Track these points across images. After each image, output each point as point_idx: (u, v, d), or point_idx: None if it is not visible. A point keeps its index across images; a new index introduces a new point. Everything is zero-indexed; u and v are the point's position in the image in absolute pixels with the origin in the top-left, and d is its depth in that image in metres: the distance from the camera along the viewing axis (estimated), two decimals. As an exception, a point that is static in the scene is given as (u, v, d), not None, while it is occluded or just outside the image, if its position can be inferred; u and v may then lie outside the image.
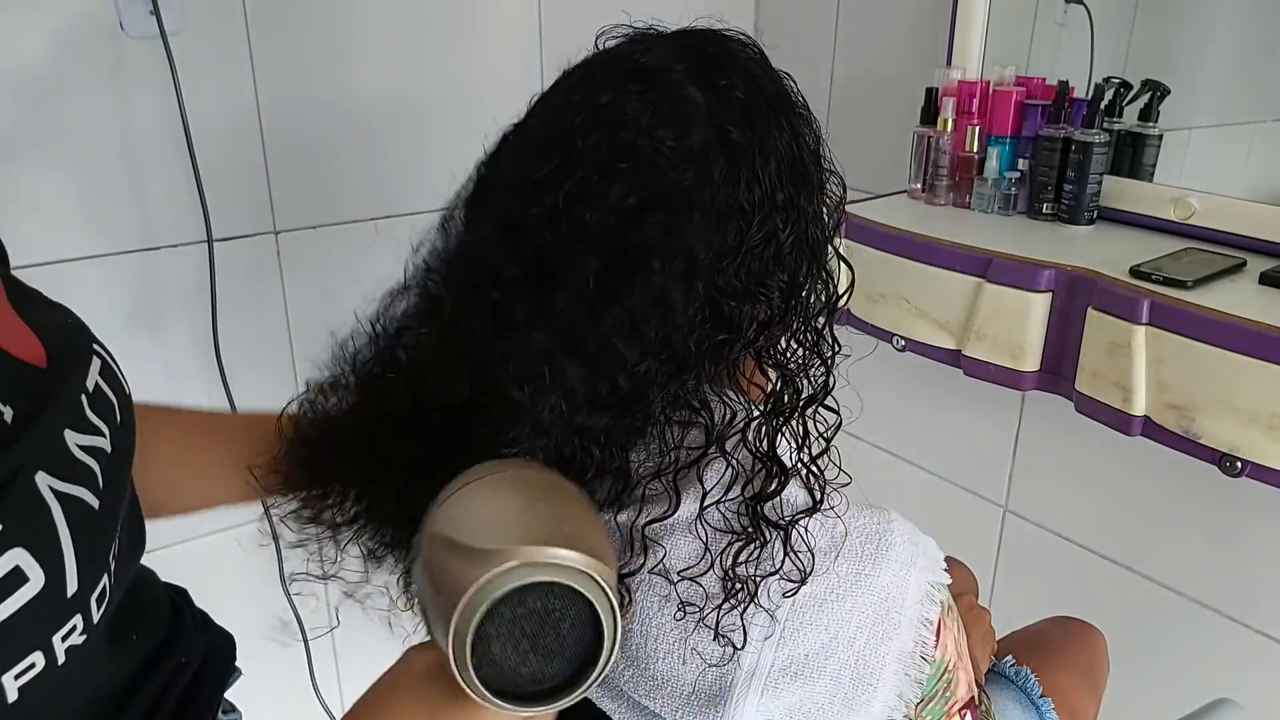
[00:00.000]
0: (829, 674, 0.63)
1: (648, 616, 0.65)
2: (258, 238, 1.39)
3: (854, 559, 0.64)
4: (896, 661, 0.64)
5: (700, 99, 0.61)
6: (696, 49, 0.64)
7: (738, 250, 0.61)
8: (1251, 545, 1.30)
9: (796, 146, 0.64)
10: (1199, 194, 1.25)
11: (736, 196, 0.61)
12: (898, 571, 0.64)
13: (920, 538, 0.67)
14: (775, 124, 0.63)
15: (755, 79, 0.64)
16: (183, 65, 1.23)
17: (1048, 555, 1.56)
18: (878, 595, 0.64)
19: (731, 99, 0.62)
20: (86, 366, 0.56)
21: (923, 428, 1.72)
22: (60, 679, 0.50)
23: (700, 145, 0.60)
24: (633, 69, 0.62)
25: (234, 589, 0.76)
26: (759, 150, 0.62)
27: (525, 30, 1.55)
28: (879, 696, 0.64)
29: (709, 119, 0.61)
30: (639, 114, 0.59)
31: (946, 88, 1.43)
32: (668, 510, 0.64)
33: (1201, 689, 1.13)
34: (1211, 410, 1.03)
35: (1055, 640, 1.12)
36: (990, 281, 1.23)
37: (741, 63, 0.65)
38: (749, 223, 0.61)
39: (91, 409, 0.54)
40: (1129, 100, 1.34)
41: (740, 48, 0.66)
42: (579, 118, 0.60)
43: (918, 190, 1.49)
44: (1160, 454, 1.10)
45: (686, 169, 0.59)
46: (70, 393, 0.54)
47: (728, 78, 0.62)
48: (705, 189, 0.60)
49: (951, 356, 1.30)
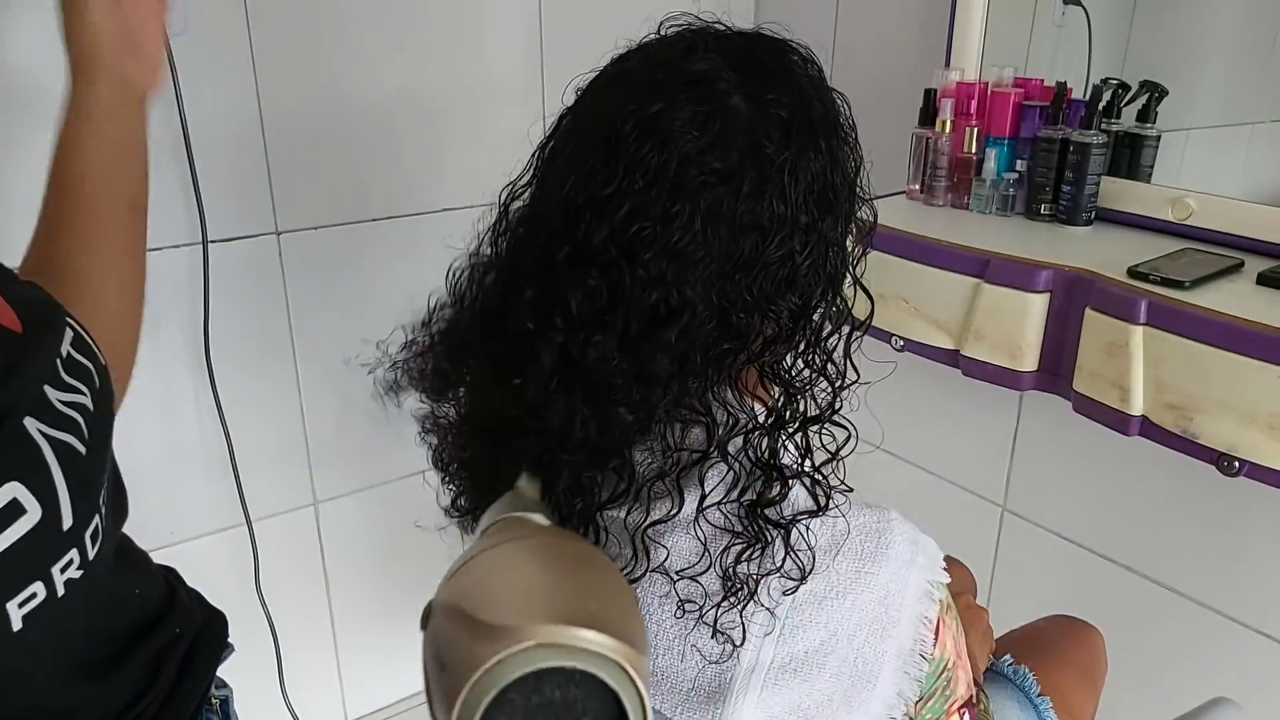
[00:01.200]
0: (829, 671, 0.63)
1: (648, 614, 0.66)
2: (259, 238, 1.39)
3: (854, 557, 0.64)
4: (895, 659, 0.65)
5: (743, 109, 0.62)
6: (753, 58, 0.65)
7: (752, 265, 0.62)
8: (1249, 544, 1.30)
9: (830, 172, 0.65)
10: (1197, 194, 1.26)
11: (759, 211, 0.62)
12: (897, 570, 0.65)
13: (920, 536, 0.68)
14: (813, 145, 0.64)
15: (805, 97, 0.65)
16: (185, 66, 1.24)
17: (1046, 555, 1.56)
18: (877, 593, 0.64)
19: (774, 114, 0.63)
20: (60, 335, 0.58)
21: (921, 428, 1.73)
22: (61, 613, 0.53)
23: (735, 157, 0.61)
24: (686, 79, 0.62)
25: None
26: (790, 169, 0.62)
27: (526, 30, 1.55)
28: (878, 694, 0.64)
29: (747, 131, 0.62)
30: (685, 126, 0.60)
31: (945, 89, 1.43)
32: (672, 509, 0.64)
33: (1199, 688, 1.13)
34: (1209, 410, 1.03)
35: (1053, 639, 1.12)
36: (988, 282, 1.23)
37: (795, 79, 0.65)
38: (767, 239, 0.62)
39: (67, 372, 0.57)
40: (1127, 101, 1.34)
41: (800, 63, 0.67)
42: (629, 126, 0.61)
43: (916, 191, 1.49)
44: (1158, 454, 1.10)
45: (716, 178, 0.60)
46: (47, 355, 0.56)
47: (776, 92, 0.63)
48: (730, 200, 0.61)
49: (950, 357, 1.31)
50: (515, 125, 0.61)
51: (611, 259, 0.61)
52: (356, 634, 1.69)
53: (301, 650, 1.61)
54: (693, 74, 0.62)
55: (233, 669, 0.80)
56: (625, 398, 0.63)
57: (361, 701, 1.75)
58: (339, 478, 1.60)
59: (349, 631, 1.69)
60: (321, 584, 1.63)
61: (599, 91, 0.68)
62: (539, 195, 0.68)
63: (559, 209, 0.63)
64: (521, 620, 0.44)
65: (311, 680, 1.67)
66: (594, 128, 0.63)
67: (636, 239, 0.60)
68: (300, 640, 1.61)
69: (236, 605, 1.49)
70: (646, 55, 0.66)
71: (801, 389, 0.67)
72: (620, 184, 0.60)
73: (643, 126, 0.61)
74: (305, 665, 1.64)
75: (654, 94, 0.61)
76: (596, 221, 0.61)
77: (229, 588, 1.49)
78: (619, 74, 0.67)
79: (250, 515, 1.46)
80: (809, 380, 0.67)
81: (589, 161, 0.62)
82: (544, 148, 0.69)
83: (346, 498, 1.61)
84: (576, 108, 0.68)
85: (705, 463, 0.65)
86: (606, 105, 0.64)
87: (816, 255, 0.64)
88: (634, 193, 0.60)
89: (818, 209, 0.64)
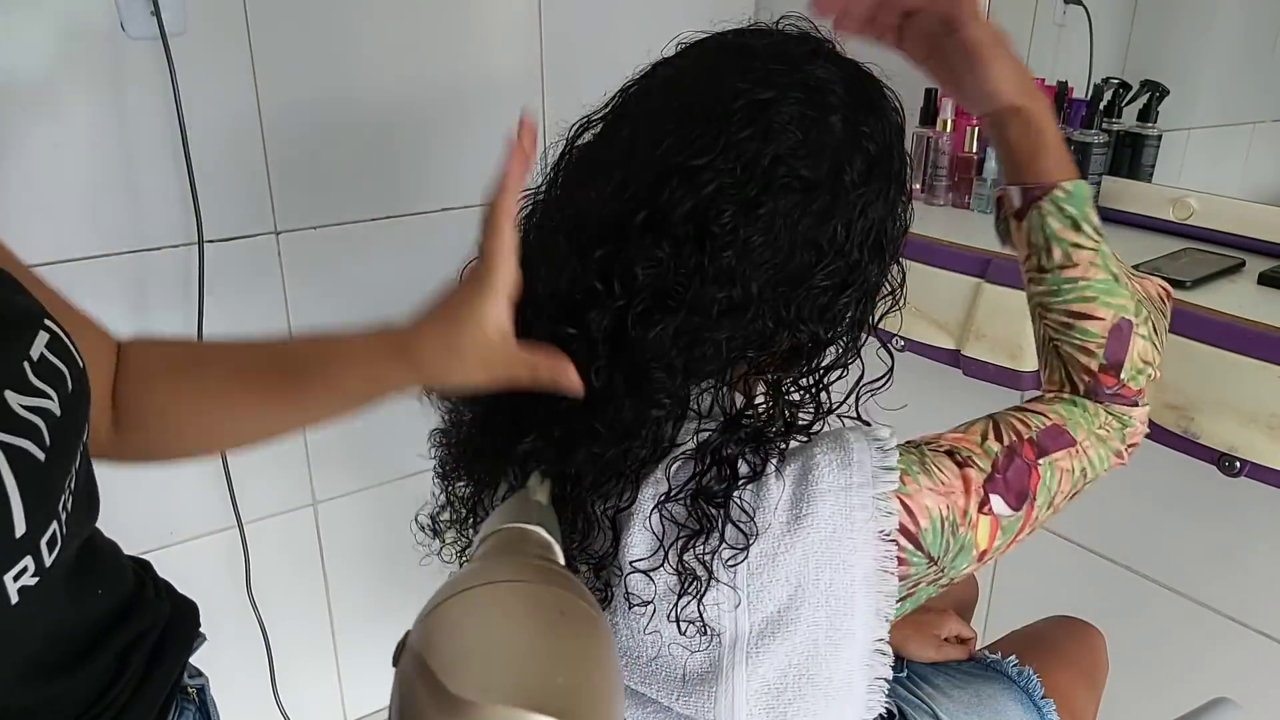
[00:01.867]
0: (804, 621, 0.63)
1: (625, 609, 0.66)
2: (258, 238, 1.39)
3: (788, 506, 0.64)
4: (864, 585, 0.64)
5: (839, 130, 0.63)
6: (862, 86, 0.66)
7: (798, 282, 0.63)
8: (1250, 545, 1.30)
9: (889, 221, 0.67)
10: (1197, 194, 1.26)
11: (821, 232, 0.62)
12: (835, 499, 0.63)
13: (853, 451, 0.65)
14: (884, 191, 0.65)
15: (889, 143, 0.66)
16: (183, 67, 1.23)
17: (1047, 555, 1.56)
18: (823, 531, 0.63)
19: (864, 146, 0.64)
20: (31, 338, 0.56)
21: (922, 427, 1.72)
22: (16, 619, 0.52)
23: (821, 171, 0.62)
24: (804, 79, 0.63)
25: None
26: (861, 204, 0.64)
27: (525, 31, 1.55)
28: (859, 623, 0.64)
29: (836, 151, 0.63)
30: (790, 124, 0.61)
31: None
32: (629, 500, 0.65)
33: (1200, 688, 1.13)
34: (1210, 410, 1.03)
35: (1054, 640, 1.12)
36: (989, 282, 1.23)
37: (888, 120, 0.67)
38: (820, 262, 0.63)
39: (36, 375, 0.55)
40: (1128, 101, 1.34)
41: (893, 111, 0.68)
42: (739, 104, 0.61)
43: (917, 190, 1.49)
44: (1159, 454, 1.10)
45: (800, 184, 0.61)
46: (11, 358, 0.54)
47: (871, 126, 0.65)
48: (800, 211, 0.62)
49: (951, 356, 1.30)
50: (515, 125, 0.60)
51: (687, 235, 0.61)
52: (356, 634, 1.69)
53: (300, 650, 1.61)
54: (812, 78, 0.63)
55: (230, 668, 0.80)
56: (666, 389, 0.63)
57: (361, 702, 1.75)
58: (338, 478, 1.59)
59: (348, 632, 1.69)
60: (321, 584, 1.63)
61: (709, 57, 0.67)
62: (616, 138, 0.67)
63: (648, 166, 0.62)
64: (482, 697, 0.43)
65: (311, 680, 1.66)
66: (700, 93, 0.63)
67: (716, 223, 0.60)
68: (299, 640, 1.61)
69: (233, 606, 1.50)
70: (771, 43, 0.66)
71: (783, 410, 0.67)
72: (715, 159, 0.60)
73: (752, 109, 0.61)
74: (304, 665, 1.63)
75: (770, 82, 0.62)
76: (683, 192, 0.61)
77: (225, 589, 1.49)
78: (738, 49, 0.66)
79: (242, 517, 1.45)
80: (798, 403, 0.68)
81: (691, 127, 0.62)
82: (628, 91, 0.68)
83: (346, 498, 1.61)
84: (678, 62, 0.68)
85: (671, 456, 0.65)
86: (720, 76, 0.64)
87: (855, 295, 0.66)
88: (725, 172, 0.60)
89: (870, 251, 0.65)
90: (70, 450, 0.58)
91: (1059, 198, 0.72)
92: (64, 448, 0.56)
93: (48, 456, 0.54)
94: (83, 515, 0.61)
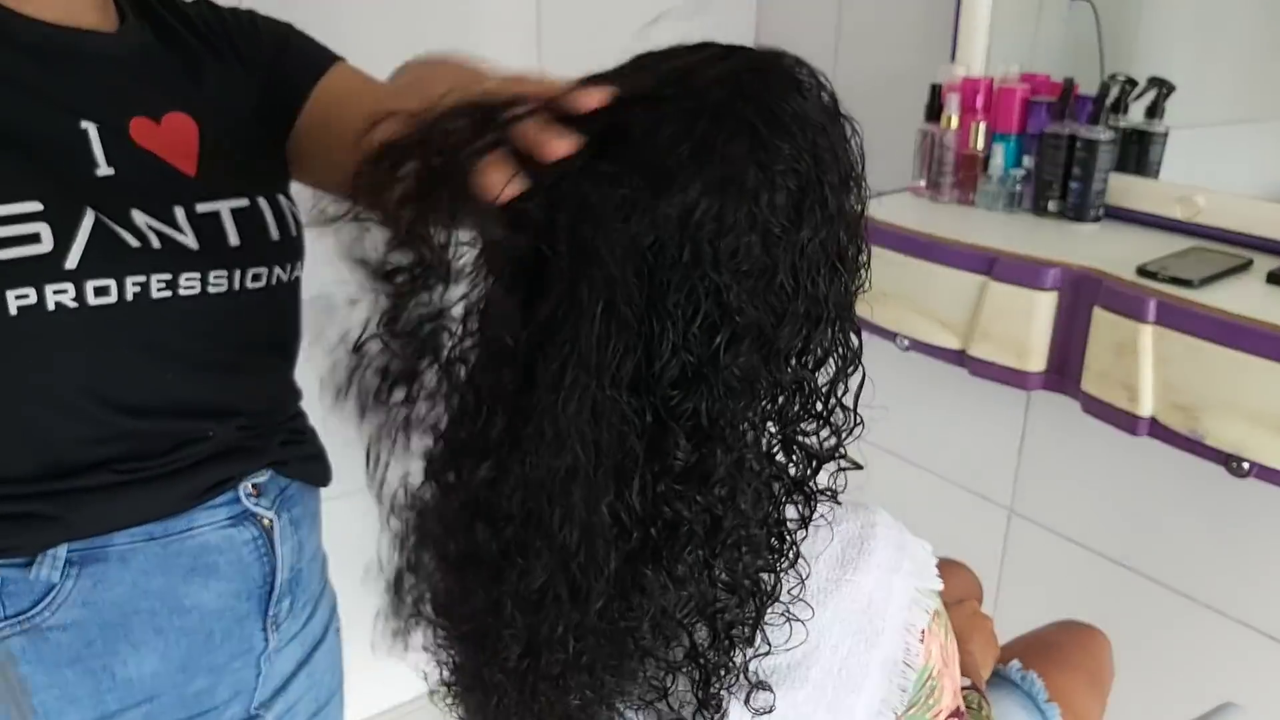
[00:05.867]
0: (812, 683, 0.62)
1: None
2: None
3: (834, 564, 0.62)
4: (880, 669, 0.63)
5: (751, 183, 0.53)
6: (759, 103, 0.55)
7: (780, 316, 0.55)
8: (1258, 547, 1.29)
9: (833, 239, 0.57)
10: (1205, 192, 1.25)
11: (771, 307, 0.54)
12: (881, 576, 0.63)
13: (908, 541, 0.65)
14: (819, 208, 0.55)
15: (812, 152, 0.56)
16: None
17: (1053, 558, 1.55)
18: (860, 601, 0.62)
19: (781, 185, 0.54)
20: (229, 196, 0.77)
21: (927, 428, 1.72)
22: (56, 325, 0.65)
23: (789, 204, 0.54)
24: (692, 151, 0.52)
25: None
26: (800, 245, 0.54)
27: (524, 31, 1.54)
28: (862, 703, 0.63)
29: (765, 236, 0.53)
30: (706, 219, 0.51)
31: (951, 84, 1.42)
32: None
33: (1207, 692, 1.12)
34: (1218, 410, 1.02)
35: (1059, 644, 1.11)
36: (995, 280, 1.22)
37: (806, 124, 0.57)
38: (780, 324, 0.55)
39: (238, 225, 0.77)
40: (1135, 97, 1.33)
41: (805, 102, 0.59)
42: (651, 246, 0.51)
43: (922, 187, 1.48)
44: (1166, 455, 1.09)
45: (779, 221, 0.53)
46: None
47: (783, 160, 0.54)
48: (784, 236, 0.54)
49: (956, 356, 1.29)
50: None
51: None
52: (356, 635, 1.68)
53: (301, 651, 1.61)
54: (697, 144, 0.51)
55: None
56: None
57: (361, 702, 1.74)
58: (338, 478, 1.59)
59: (349, 632, 1.68)
60: (321, 584, 1.62)
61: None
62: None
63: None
64: None
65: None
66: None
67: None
68: (300, 641, 1.60)
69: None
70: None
71: (803, 449, 0.61)
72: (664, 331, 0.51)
73: (664, 233, 0.51)
74: (305, 666, 1.63)
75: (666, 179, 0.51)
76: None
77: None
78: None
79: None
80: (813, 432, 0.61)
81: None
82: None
83: (345, 498, 1.60)
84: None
85: None
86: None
87: (830, 319, 0.57)
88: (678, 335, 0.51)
89: (828, 276, 0.56)
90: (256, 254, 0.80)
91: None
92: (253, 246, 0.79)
93: (200, 248, 0.73)
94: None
